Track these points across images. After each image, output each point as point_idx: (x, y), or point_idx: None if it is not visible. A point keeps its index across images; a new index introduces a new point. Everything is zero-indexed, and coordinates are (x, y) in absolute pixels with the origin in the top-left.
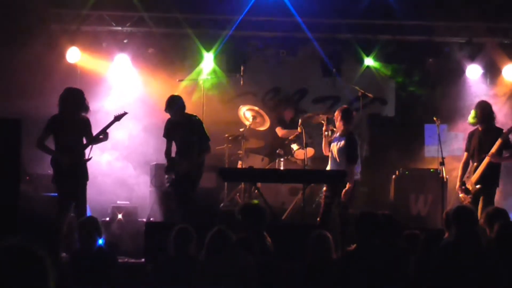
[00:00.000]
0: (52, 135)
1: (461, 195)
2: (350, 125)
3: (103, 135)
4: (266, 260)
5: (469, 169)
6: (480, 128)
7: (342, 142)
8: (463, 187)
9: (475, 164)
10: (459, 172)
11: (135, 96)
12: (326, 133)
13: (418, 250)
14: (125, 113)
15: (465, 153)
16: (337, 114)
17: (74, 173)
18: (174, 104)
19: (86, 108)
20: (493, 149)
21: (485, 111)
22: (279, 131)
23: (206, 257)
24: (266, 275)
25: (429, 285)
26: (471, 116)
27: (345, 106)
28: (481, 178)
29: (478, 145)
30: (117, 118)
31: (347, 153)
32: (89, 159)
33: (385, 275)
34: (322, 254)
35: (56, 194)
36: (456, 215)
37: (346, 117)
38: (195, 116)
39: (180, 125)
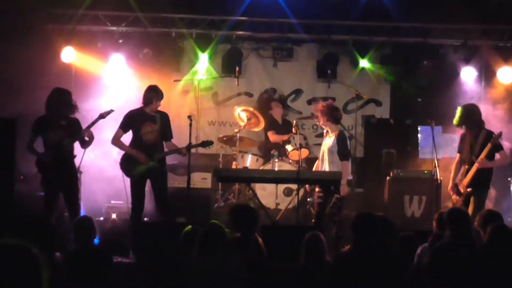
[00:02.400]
0: (41, 136)
1: (453, 196)
2: (338, 122)
3: (88, 136)
4: (259, 261)
5: (461, 171)
6: (470, 131)
7: (332, 141)
8: (456, 188)
9: (466, 166)
10: (452, 173)
11: (130, 96)
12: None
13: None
14: (111, 111)
15: (458, 154)
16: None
17: (61, 172)
18: (161, 94)
19: (72, 109)
20: (482, 155)
21: (468, 114)
22: (271, 136)
23: (198, 257)
24: (258, 276)
25: (424, 286)
26: (455, 118)
27: (328, 102)
28: (472, 182)
29: (469, 148)
30: (102, 115)
31: (338, 149)
32: (74, 156)
33: (379, 276)
34: (315, 256)
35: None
36: (450, 217)
37: (332, 114)
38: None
39: (150, 118)
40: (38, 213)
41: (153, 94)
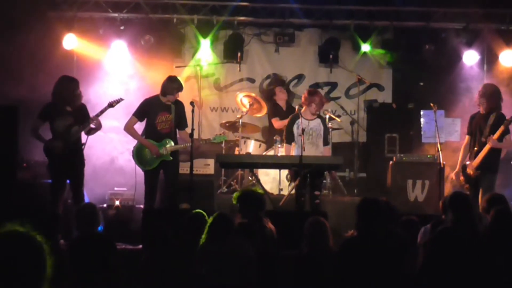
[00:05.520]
0: (47, 122)
1: (461, 178)
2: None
3: (95, 124)
4: (267, 246)
5: (469, 153)
6: (482, 111)
7: (318, 124)
8: (463, 173)
9: (476, 148)
10: (460, 155)
11: (132, 82)
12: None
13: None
14: (120, 99)
15: (467, 136)
16: (305, 98)
17: (69, 159)
18: (182, 86)
19: (78, 99)
20: (496, 135)
21: (488, 93)
22: (276, 123)
23: (207, 244)
24: (265, 262)
25: (427, 271)
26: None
27: (310, 89)
28: (482, 164)
29: (478, 129)
30: (111, 104)
31: (324, 133)
32: (83, 145)
33: (385, 261)
34: (319, 242)
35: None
36: (452, 201)
37: (309, 96)
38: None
39: (166, 108)
40: (41, 200)
41: (175, 85)
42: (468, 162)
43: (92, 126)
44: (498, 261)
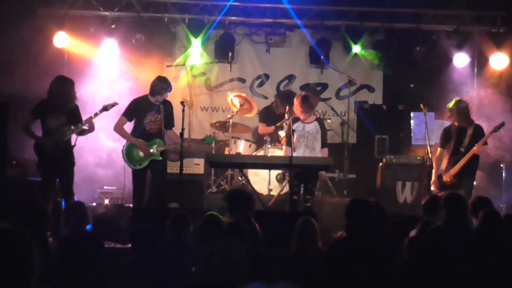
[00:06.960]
0: (39, 120)
1: (434, 189)
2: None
3: (88, 125)
4: (256, 246)
5: (443, 164)
6: (456, 124)
7: (314, 126)
8: (439, 182)
9: (454, 158)
10: (434, 167)
11: (122, 81)
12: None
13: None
14: (115, 104)
15: (439, 149)
16: (297, 102)
17: (59, 158)
18: (170, 86)
19: (73, 100)
20: (481, 142)
21: (459, 111)
22: (261, 128)
23: (197, 244)
24: (254, 261)
25: (417, 269)
26: (448, 106)
27: (303, 93)
28: (462, 170)
29: (456, 140)
30: (105, 108)
31: (322, 136)
32: (73, 146)
33: (374, 261)
34: (307, 242)
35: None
36: (447, 201)
37: (308, 102)
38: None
39: (154, 108)
40: (30, 198)
41: (164, 85)
42: (443, 171)
43: (85, 127)
44: (490, 261)
